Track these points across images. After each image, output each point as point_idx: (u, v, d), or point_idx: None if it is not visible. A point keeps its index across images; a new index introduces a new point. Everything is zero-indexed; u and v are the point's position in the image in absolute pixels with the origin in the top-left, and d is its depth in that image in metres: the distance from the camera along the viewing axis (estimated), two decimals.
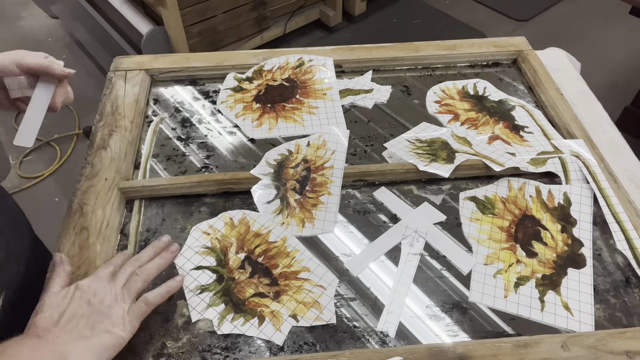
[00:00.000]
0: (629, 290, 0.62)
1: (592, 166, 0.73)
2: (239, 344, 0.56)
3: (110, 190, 0.68)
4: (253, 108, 0.83)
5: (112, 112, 0.79)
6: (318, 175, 0.73)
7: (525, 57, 0.92)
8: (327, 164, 0.74)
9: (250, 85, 0.86)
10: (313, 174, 0.73)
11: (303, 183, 0.72)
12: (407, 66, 0.93)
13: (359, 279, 0.62)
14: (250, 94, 0.85)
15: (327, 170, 0.73)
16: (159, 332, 0.57)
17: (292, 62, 0.89)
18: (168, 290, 0.56)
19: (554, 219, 0.68)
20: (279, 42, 2.35)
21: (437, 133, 0.79)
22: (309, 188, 0.71)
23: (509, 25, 2.59)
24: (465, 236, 0.67)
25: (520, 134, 0.80)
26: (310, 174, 0.73)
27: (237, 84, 0.86)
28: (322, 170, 0.73)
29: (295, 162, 0.75)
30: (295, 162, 0.75)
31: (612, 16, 2.62)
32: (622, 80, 2.25)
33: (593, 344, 0.55)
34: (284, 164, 0.74)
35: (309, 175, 0.73)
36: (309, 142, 0.77)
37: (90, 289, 0.52)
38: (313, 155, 0.75)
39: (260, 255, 0.64)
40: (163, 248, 0.60)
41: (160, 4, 1.83)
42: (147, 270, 0.56)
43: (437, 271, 0.63)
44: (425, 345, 0.56)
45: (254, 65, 0.89)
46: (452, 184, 0.73)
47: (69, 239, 0.63)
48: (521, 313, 0.59)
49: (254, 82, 0.86)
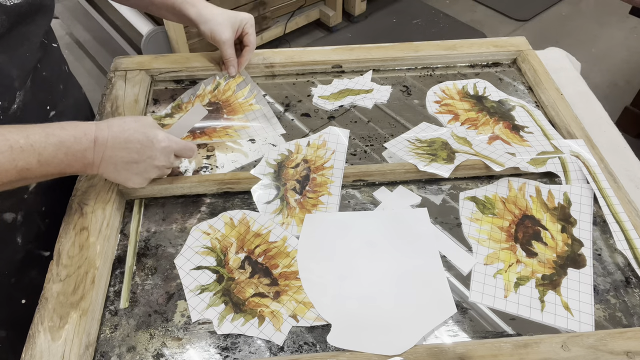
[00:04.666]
0: (629, 290, 0.62)
1: (592, 166, 0.73)
2: (239, 344, 0.56)
3: (110, 190, 0.68)
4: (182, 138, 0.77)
5: (112, 112, 0.79)
6: (318, 175, 0.72)
7: (525, 57, 0.92)
8: (327, 164, 0.74)
9: (172, 119, 0.80)
10: (313, 174, 0.73)
11: (303, 183, 0.72)
12: (407, 66, 0.93)
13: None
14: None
15: (327, 170, 0.73)
16: (159, 332, 0.57)
17: (208, 87, 0.86)
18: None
19: (554, 219, 0.68)
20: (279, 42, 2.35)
21: (437, 133, 0.79)
22: (309, 188, 0.71)
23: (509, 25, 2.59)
24: (465, 236, 0.67)
25: (520, 134, 0.80)
26: (310, 174, 0.73)
27: (159, 122, 0.79)
28: (322, 170, 0.73)
29: (295, 162, 0.75)
30: (295, 162, 0.75)
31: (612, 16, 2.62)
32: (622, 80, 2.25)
33: (593, 344, 0.55)
34: (284, 164, 0.74)
35: (309, 175, 0.73)
36: (309, 142, 0.77)
37: (155, 149, 0.63)
38: (313, 155, 0.75)
39: (260, 255, 0.64)
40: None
41: None
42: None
43: None
44: (426, 345, 0.56)
45: (254, 65, 0.89)
46: (452, 184, 0.73)
47: (69, 239, 0.63)
48: (521, 313, 0.59)
49: (175, 115, 0.82)
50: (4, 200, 0.63)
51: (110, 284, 0.62)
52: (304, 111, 0.84)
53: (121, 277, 0.62)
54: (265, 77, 0.90)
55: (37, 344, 0.53)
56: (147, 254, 0.65)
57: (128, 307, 0.59)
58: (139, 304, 0.60)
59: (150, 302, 0.60)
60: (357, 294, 0.60)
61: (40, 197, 0.68)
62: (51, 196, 0.69)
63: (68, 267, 0.60)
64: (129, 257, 0.64)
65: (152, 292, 0.61)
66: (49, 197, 0.69)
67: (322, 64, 0.90)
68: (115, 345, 0.56)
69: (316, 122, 0.83)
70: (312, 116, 0.84)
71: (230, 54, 0.82)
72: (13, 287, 0.66)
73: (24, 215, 0.66)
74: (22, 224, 0.66)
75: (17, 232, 0.66)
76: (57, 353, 0.53)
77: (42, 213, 0.69)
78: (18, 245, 0.65)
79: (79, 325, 0.55)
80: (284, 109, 0.85)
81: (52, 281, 0.59)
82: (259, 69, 0.90)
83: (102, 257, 0.61)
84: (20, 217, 0.65)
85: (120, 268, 0.63)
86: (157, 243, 0.66)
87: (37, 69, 0.64)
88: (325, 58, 0.90)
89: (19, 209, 0.65)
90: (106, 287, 0.61)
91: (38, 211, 0.68)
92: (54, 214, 0.68)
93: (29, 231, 0.67)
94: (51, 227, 0.66)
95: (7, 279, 0.65)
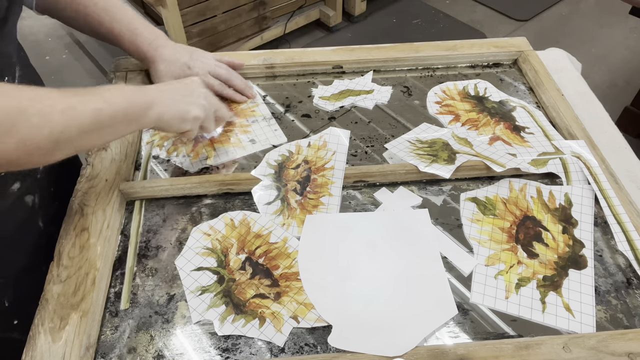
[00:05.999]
0: (630, 291, 0.62)
1: (593, 167, 0.73)
2: (239, 345, 0.56)
3: (111, 191, 0.68)
4: (183, 140, 0.79)
5: None
6: (319, 176, 0.72)
7: (526, 57, 0.92)
8: (328, 164, 0.74)
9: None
10: (314, 174, 0.73)
11: (304, 184, 0.72)
12: (408, 67, 0.93)
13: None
14: None
15: (328, 171, 0.73)
16: (159, 334, 0.57)
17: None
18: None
19: (555, 220, 0.68)
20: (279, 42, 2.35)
21: (437, 134, 0.79)
22: (310, 189, 0.71)
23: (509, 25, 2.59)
24: (466, 237, 0.66)
25: (521, 135, 0.79)
26: (311, 174, 0.73)
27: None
28: (322, 171, 0.73)
29: (296, 163, 0.74)
30: (296, 163, 0.74)
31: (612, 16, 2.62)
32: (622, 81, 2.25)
33: (594, 346, 0.54)
34: (285, 164, 0.74)
35: (310, 176, 0.73)
36: (310, 143, 0.77)
37: (199, 87, 0.68)
38: (314, 156, 0.75)
39: (261, 257, 0.64)
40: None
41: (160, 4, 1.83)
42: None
43: None
44: (426, 346, 0.55)
45: (255, 66, 0.89)
46: (453, 185, 0.73)
47: (69, 240, 0.63)
48: (522, 314, 0.59)
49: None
50: (22, 181, 0.63)
51: (110, 285, 0.62)
52: (304, 112, 0.84)
53: (122, 278, 0.62)
54: (265, 78, 0.90)
55: (37, 346, 0.53)
56: (147, 255, 0.65)
57: (129, 308, 0.59)
58: (140, 305, 0.60)
59: (150, 303, 0.60)
60: (358, 295, 0.60)
61: (49, 177, 0.68)
62: (56, 176, 0.69)
63: (68, 268, 0.60)
64: (130, 258, 0.64)
65: (152, 293, 0.61)
66: (55, 178, 0.69)
67: (323, 64, 0.90)
68: (116, 347, 0.56)
69: (317, 122, 0.83)
70: (312, 117, 0.84)
71: (229, 92, 0.83)
72: (45, 276, 0.65)
73: (39, 198, 0.66)
74: (40, 207, 0.66)
75: (37, 215, 0.66)
76: (58, 354, 0.53)
77: (52, 194, 0.69)
78: (41, 229, 0.66)
79: (80, 327, 0.55)
80: (284, 110, 0.85)
81: (53, 282, 0.58)
82: (259, 70, 0.89)
83: (102, 258, 0.61)
84: (37, 199, 0.66)
85: (121, 269, 0.63)
86: (158, 244, 0.66)
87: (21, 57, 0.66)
88: (326, 59, 0.90)
89: (35, 190, 0.66)
90: (107, 288, 0.61)
91: (49, 192, 0.69)
92: (60, 196, 0.68)
93: (46, 214, 0.67)
94: (60, 209, 0.66)
95: (39, 268, 0.64)
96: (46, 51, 2.36)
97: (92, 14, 0.73)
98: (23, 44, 0.69)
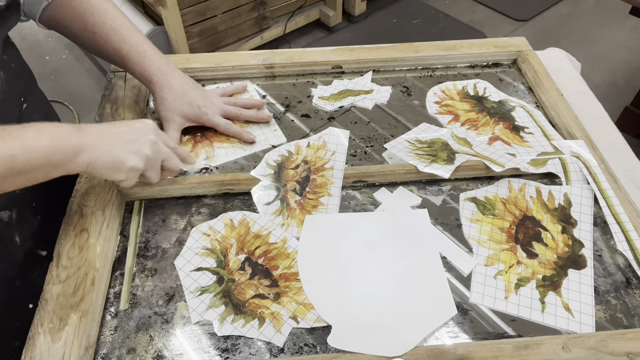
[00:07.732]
0: (629, 291, 0.62)
1: (592, 167, 0.73)
2: (239, 345, 0.56)
3: (110, 191, 0.68)
4: (183, 141, 0.78)
5: (111, 113, 0.79)
6: (318, 176, 0.72)
7: (525, 57, 0.92)
8: (327, 165, 0.74)
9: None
10: (313, 175, 0.73)
11: (303, 184, 0.72)
12: (407, 67, 0.93)
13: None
14: None
15: (327, 171, 0.73)
16: (158, 334, 0.57)
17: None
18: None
19: (555, 220, 0.68)
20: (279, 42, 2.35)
21: (437, 134, 0.79)
22: (309, 189, 0.71)
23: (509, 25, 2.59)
24: (465, 237, 0.66)
25: (520, 135, 0.79)
26: (311, 175, 0.73)
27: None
28: (322, 171, 0.73)
29: (295, 163, 0.74)
30: (295, 163, 0.74)
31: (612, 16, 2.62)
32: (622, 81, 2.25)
33: (594, 345, 0.54)
34: (284, 165, 0.74)
35: (309, 176, 0.73)
36: (309, 143, 0.77)
37: (147, 134, 0.61)
38: (313, 156, 0.75)
39: (260, 257, 0.64)
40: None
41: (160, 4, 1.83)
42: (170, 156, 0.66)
43: None
44: (426, 346, 0.55)
45: (254, 66, 0.89)
46: (453, 185, 0.73)
47: (68, 240, 0.63)
48: (522, 314, 0.59)
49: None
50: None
51: (110, 285, 0.62)
52: (304, 112, 0.84)
53: (121, 278, 0.62)
54: (265, 78, 0.90)
55: (36, 346, 0.53)
56: (147, 256, 0.65)
57: (128, 309, 0.59)
58: (139, 306, 0.60)
59: (150, 303, 0.60)
60: (358, 295, 0.60)
61: (30, 193, 0.67)
62: (38, 191, 0.67)
63: (68, 269, 0.60)
64: (129, 259, 0.64)
65: (152, 294, 0.61)
66: (37, 192, 0.67)
67: (322, 64, 0.90)
68: (115, 347, 0.56)
69: (316, 122, 0.83)
70: (312, 117, 0.84)
71: (236, 129, 0.79)
72: (19, 290, 0.65)
73: (18, 213, 0.65)
74: (17, 222, 0.65)
75: (14, 231, 0.65)
76: (57, 355, 0.53)
77: (33, 209, 0.68)
78: (17, 245, 0.65)
79: (79, 327, 0.55)
80: (284, 110, 0.85)
81: (52, 283, 0.58)
82: (259, 70, 0.89)
83: (102, 258, 0.61)
84: (14, 214, 0.64)
85: (120, 269, 0.63)
86: (157, 244, 0.66)
87: (5, 60, 0.64)
88: (325, 59, 0.90)
89: (13, 205, 0.64)
90: (106, 289, 0.61)
91: (30, 207, 0.67)
92: (43, 211, 0.67)
93: (24, 229, 0.66)
94: (43, 224, 0.66)
95: (12, 282, 0.65)
96: (46, 51, 2.35)
97: (99, 32, 0.71)
98: (23, 43, 0.69)
